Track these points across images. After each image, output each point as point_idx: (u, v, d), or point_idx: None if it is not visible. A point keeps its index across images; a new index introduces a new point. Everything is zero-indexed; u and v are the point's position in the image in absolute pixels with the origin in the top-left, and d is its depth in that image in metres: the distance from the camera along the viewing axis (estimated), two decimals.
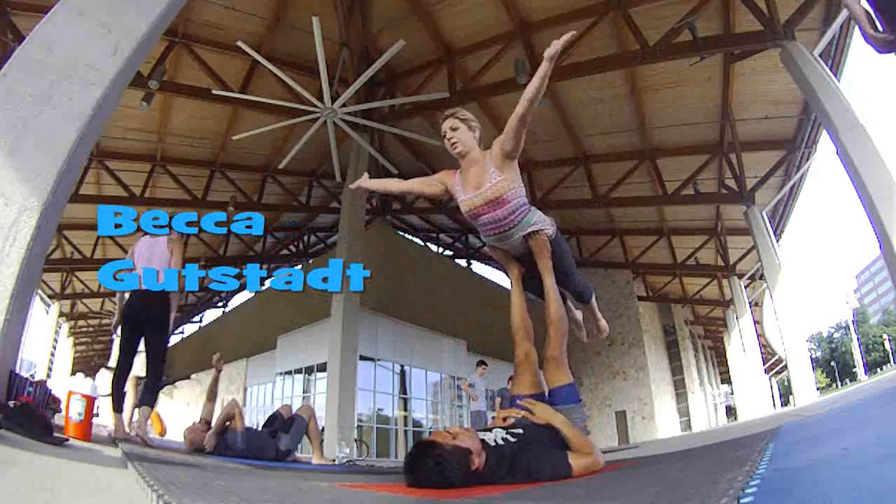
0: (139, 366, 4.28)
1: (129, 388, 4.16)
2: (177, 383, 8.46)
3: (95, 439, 2.76)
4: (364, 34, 7.67)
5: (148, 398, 3.52)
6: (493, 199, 2.27)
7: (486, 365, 8.17)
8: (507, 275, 2.57)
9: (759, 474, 1.02)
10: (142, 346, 3.57)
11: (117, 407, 3.50)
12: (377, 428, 12.18)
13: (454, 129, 2.34)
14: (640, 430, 14.57)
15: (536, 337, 2.37)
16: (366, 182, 2.78)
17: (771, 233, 9.57)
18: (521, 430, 1.86)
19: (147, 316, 3.49)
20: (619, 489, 1.51)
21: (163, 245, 3.67)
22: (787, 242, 17.69)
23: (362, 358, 9.83)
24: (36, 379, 2.60)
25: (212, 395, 4.14)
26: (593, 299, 2.87)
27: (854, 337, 43.73)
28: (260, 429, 4.12)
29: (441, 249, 17.45)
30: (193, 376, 10.22)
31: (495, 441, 1.79)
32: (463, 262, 17.47)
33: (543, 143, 9.93)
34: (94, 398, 2.79)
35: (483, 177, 2.29)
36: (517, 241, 2.36)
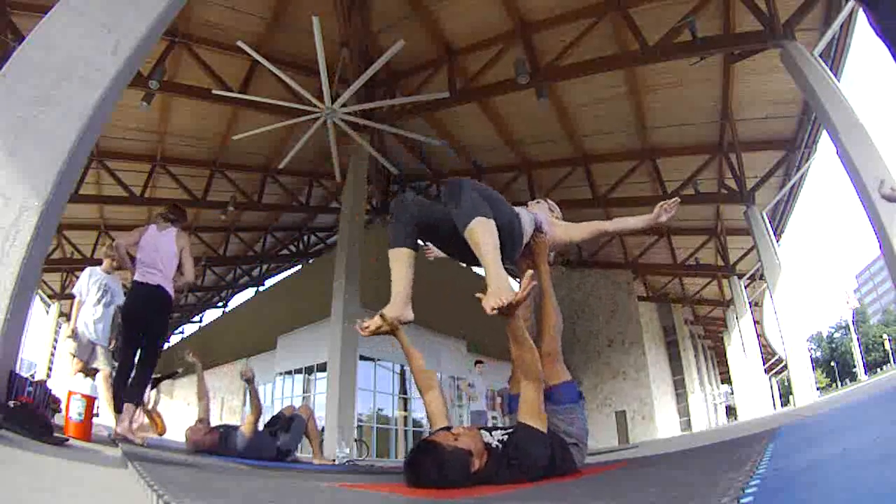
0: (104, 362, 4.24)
1: (103, 385, 4.12)
2: (175, 377, 8.33)
3: (95, 439, 2.76)
4: (364, 34, 7.66)
5: (134, 395, 3.37)
6: None
7: (482, 363, 8.23)
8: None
9: (759, 474, 1.02)
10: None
11: (119, 407, 3.48)
12: (377, 428, 12.18)
13: (537, 203, 2.69)
14: (640, 430, 14.57)
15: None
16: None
17: (771, 233, 9.57)
18: (511, 430, 1.86)
19: (147, 312, 3.44)
20: (619, 489, 1.51)
21: (170, 238, 3.60)
22: (787, 242, 17.69)
23: (362, 358, 9.83)
24: (36, 379, 2.59)
25: (202, 394, 4.13)
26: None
27: (854, 337, 43.78)
28: (261, 429, 4.11)
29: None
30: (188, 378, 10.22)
31: (495, 443, 1.79)
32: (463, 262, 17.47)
33: (543, 143, 9.94)
34: (94, 398, 2.79)
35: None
36: None
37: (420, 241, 2.18)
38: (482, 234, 1.81)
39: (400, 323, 2.05)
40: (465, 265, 2.36)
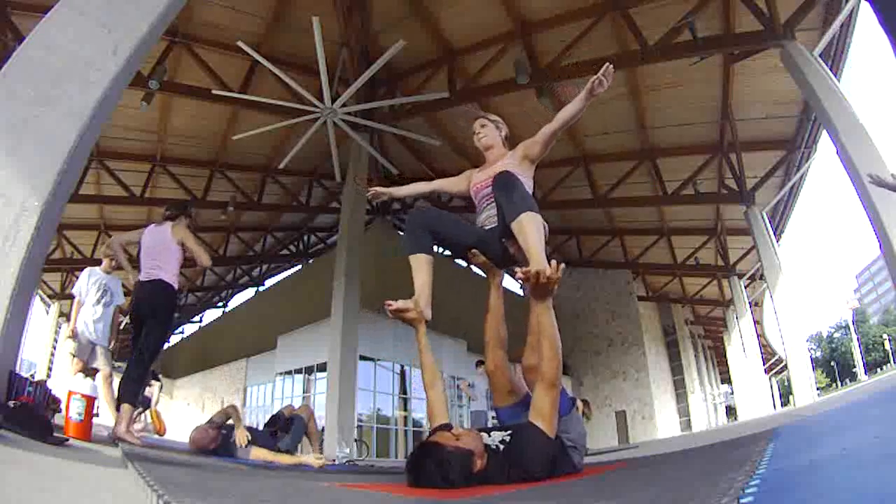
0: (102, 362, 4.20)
1: (103, 385, 4.09)
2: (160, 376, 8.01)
3: (95, 439, 2.76)
4: (364, 34, 7.67)
5: (130, 396, 3.19)
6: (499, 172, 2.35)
7: (482, 363, 8.22)
8: (489, 278, 2.49)
9: (759, 474, 1.02)
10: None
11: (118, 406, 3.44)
12: (377, 428, 12.17)
13: (483, 126, 2.61)
14: (640, 430, 14.58)
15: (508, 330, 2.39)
16: (394, 190, 2.81)
17: (771, 233, 9.58)
18: (511, 432, 1.85)
19: (148, 307, 3.37)
20: (619, 489, 1.51)
21: (166, 231, 3.55)
22: (787, 242, 17.70)
23: (362, 358, 9.82)
24: (36, 379, 2.59)
25: (235, 414, 3.99)
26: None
27: (854, 337, 43.77)
28: (261, 428, 4.11)
29: (441, 249, 17.44)
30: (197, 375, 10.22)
31: (494, 444, 1.79)
32: (463, 263, 17.48)
33: None
34: (94, 398, 2.79)
35: (500, 162, 2.48)
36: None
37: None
38: (530, 226, 2.01)
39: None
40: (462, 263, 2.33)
